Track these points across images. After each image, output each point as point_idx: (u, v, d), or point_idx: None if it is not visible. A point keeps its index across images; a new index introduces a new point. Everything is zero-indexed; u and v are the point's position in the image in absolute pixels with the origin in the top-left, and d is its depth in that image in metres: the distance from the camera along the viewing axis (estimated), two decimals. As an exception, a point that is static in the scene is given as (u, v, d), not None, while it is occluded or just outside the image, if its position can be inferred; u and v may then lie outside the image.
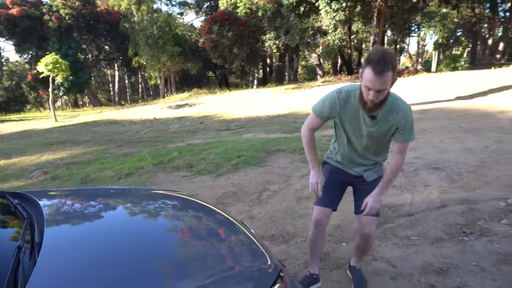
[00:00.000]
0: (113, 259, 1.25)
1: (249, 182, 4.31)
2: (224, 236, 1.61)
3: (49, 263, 1.11)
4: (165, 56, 20.97)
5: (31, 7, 24.96)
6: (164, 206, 1.96)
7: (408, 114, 1.84)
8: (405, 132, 1.87)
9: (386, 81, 1.63)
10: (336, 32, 15.43)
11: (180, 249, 1.41)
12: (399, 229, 2.98)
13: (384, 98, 1.75)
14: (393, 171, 1.97)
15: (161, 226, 1.65)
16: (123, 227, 1.55)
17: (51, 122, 15.53)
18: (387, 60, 1.60)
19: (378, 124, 1.87)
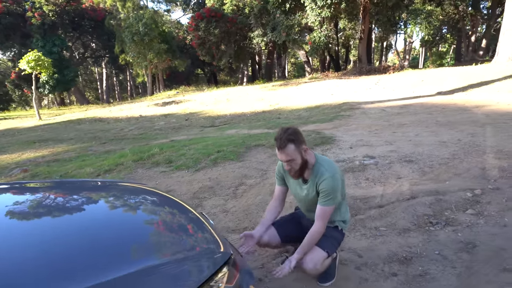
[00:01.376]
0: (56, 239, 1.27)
1: (226, 177, 4.32)
2: (177, 222, 1.63)
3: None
4: (151, 53, 20.80)
5: (12, 4, 24.45)
6: (121, 196, 1.94)
7: (328, 180, 1.96)
8: (323, 196, 1.99)
9: (289, 153, 1.90)
10: (322, 29, 15.51)
11: (128, 232, 1.42)
12: (368, 221, 3.03)
13: (303, 164, 1.97)
14: (311, 236, 2.03)
15: (112, 213, 1.64)
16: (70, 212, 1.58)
17: (35, 120, 15.30)
18: (284, 136, 1.87)
19: (309, 188, 2.06)
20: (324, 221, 2.03)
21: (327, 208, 2.00)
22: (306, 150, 1.97)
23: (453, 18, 21.49)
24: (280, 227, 2.27)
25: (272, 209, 2.27)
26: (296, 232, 2.30)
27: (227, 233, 3.09)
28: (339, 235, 2.23)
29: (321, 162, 2.03)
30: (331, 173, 1.97)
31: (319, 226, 2.02)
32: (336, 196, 2.00)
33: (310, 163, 2.02)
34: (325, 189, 1.97)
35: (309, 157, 2.02)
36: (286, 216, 2.45)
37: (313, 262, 2.03)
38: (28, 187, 2.03)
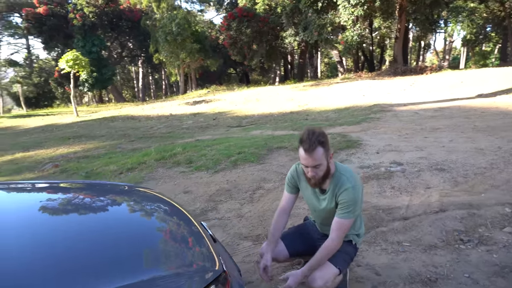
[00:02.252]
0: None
1: (245, 180, 4.21)
2: (181, 234, 1.55)
3: None
4: (184, 52, 21.11)
5: (56, 6, 25.72)
6: (122, 201, 1.90)
7: (349, 190, 1.80)
8: (342, 208, 1.82)
9: (317, 157, 1.71)
10: (355, 28, 15.04)
11: (117, 242, 1.35)
12: (391, 234, 2.80)
13: (327, 172, 1.79)
14: (324, 251, 1.85)
15: (108, 218, 1.61)
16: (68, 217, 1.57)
17: (73, 117, 15.96)
18: (313, 138, 1.70)
19: (327, 199, 1.88)
20: (341, 235, 1.85)
21: (346, 221, 1.82)
22: (331, 156, 1.80)
23: (498, 15, 20.18)
24: (288, 240, 2.10)
25: (280, 220, 2.08)
26: (305, 246, 2.12)
27: (238, 239, 2.97)
28: (352, 250, 2.04)
29: (341, 171, 1.85)
30: (352, 183, 1.80)
31: (335, 241, 1.84)
32: (356, 208, 1.83)
33: (331, 171, 1.85)
34: (345, 200, 1.80)
35: (331, 165, 1.85)
36: (294, 228, 2.28)
37: (324, 279, 1.85)
38: (44, 187, 2.06)
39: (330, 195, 1.88)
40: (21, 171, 6.82)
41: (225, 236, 3.03)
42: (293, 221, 3.13)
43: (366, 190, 3.52)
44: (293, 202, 2.12)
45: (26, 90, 31.21)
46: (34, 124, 15.22)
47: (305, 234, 2.22)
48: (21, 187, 2.05)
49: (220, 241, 2.02)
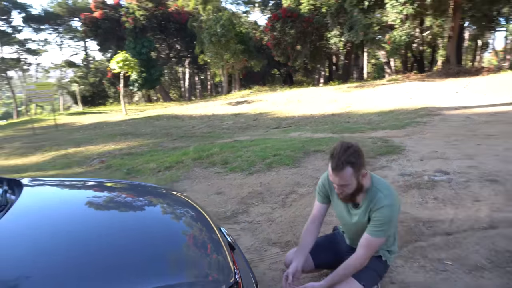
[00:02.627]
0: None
1: (278, 183, 4.13)
2: (202, 242, 1.52)
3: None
4: (227, 53, 21.41)
5: (111, 10, 27.19)
6: (150, 203, 1.93)
7: (385, 209, 1.67)
8: (375, 225, 1.69)
9: (344, 177, 1.62)
10: (403, 27, 14.35)
11: (132, 245, 1.34)
12: (431, 250, 2.58)
13: (357, 190, 1.69)
14: (347, 267, 1.73)
15: (130, 220, 1.63)
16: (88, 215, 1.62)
17: (122, 115, 16.78)
18: (343, 157, 1.59)
19: (360, 214, 1.78)
20: (368, 253, 1.72)
21: (376, 239, 1.70)
22: (365, 175, 1.68)
23: None
24: (315, 250, 1.99)
25: (312, 231, 1.98)
26: (332, 257, 2.01)
27: (267, 245, 2.90)
28: (381, 267, 1.89)
29: (378, 187, 1.72)
30: (389, 202, 1.67)
31: (361, 259, 1.72)
32: (389, 228, 1.71)
33: (365, 186, 1.73)
34: (379, 218, 1.67)
35: (365, 181, 1.72)
36: (322, 238, 2.16)
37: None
38: (88, 185, 2.15)
39: (363, 211, 1.76)
40: (71, 165, 7.26)
41: (254, 241, 2.98)
42: (324, 229, 3.00)
43: (406, 200, 3.30)
44: (324, 212, 2.01)
45: (83, 89, 33.35)
46: (88, 121, 16.19)
47: (333, 245, 2.11)
48: (67, 183, 2.15)
49: (240, 248, 1.96)
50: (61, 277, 1.08)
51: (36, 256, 1.18)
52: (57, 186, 2.09)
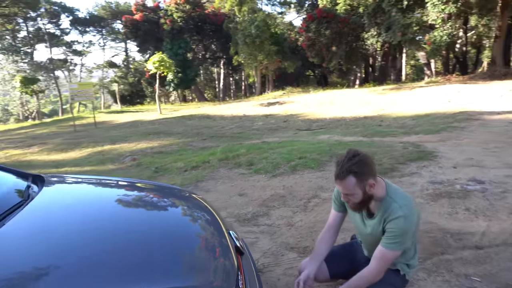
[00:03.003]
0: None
1: (301, 186, 4.06)
2: (212, 246, 1.51)
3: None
4: (261, 54, 21.45)
5: (150, 12, 28.14)
6: (167, 204, 1.95)
7: (399, 220, 1.57)
8: (389, 237, 1.60)
9: (347, 186, 1.56)
10: (445, 27, 13.68)
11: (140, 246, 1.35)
12: (458, 264, 2.43)
13: (366, 199, 1.62)
14: (360, 279, 1.66)
15: (141, 219, 1.64)
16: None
17: (156, 114, 17.29)
18: (346, 165, 1.53)
19: (374, 225, 1.70)
20: (381, 266, 1.63)
21: (390, 252, 1.61)
22: (372, 185, 1.59)
23: None
24: (331, 260, 1.91)
25: (327, 240, 1.92)
26: (348, 267, 1.92)
27: (284, 249, 2.85)
28: (399, 281, 1.78)
29: (393, 197, 1.63)
30: (404, 213, 1.57)
31: (373, 272, 1.64)
32: (405, 241, 1.61)
33: (378, 196, 1.64)
34: (393, 229, 1.58)
35: (377, 190, 1.63)
36: (338, 247, 2.08)
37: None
38: (116, 184, 2.21)
39: (377, 221, 1.67)
40: (105, 162, 7.57)
41: (272, 245, 2.94)
42: (344, 236, 2.91)
43: (434, 210, 3.13)
44: (340, 221, 1.94)
45: (122, 88, 34.75)
46: (124, 119, 16.83)
47: (350, 254, 2.02)
48: (87, 181, 2.22)
49: (249, 252, 1.93)
50: (71, 274, 1.10)
51: (44, 252, 1.21)
52: (76, 183, 2.16)
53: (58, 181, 2.10)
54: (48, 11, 38.04)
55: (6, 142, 12.32)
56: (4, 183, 1.80)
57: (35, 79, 24.69)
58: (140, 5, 28.63)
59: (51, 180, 2.01)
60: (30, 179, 1.89)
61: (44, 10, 37.41)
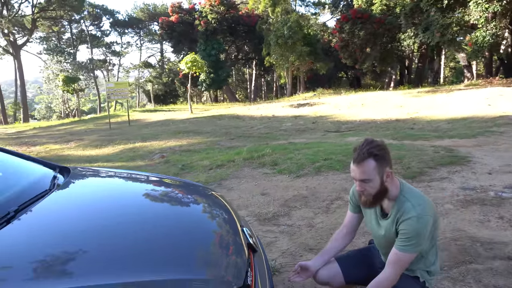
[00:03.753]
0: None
1: (325, 188, 3.98)
2: (226, 243, 1.51)
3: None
4: (293, 55, 21.33)
5: (185, 14, 28.76)
6: (187, 199, 1.97)
7: (412, 220, 1.49)
8: (402, 239, 1.52)
9: (366, 170, 1.49)
10: (488, 27, 12.98)
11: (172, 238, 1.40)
12: (486, 274, 2.28)
13: (380, 192, 1.54)
14: (377, 285, 1.57)
15: (155, 211, 1.66)
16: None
17: (187, 113, 17.63)
18: (364, 150, 1.49)
19: (387, 225, 1.61)
20: (397, 270, 1.55)
21: (405, 255, 1.52)
22: (389, 175, 1.52)
23: None
24: (346, 264, 1.84)
25: (338, 239, 1.85)
26: (364, 274, 1.82)
27: (303, 250, 2.80)
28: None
29: (407, 196, 1.55)
30: (418, 213, 1.48)
31: (389, 277, 1.55)
32: (420, 242, 1.51)
33: (392, 194, 1.56)
34: (406, 231, 1.50)
35: (391, 186, 1.56)
36: (355, 251, 2.00)
37: None
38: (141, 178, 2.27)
39: (391, 221, 1.59)
40: (135, 158, 7.80)
41: (290, 245, 2.90)
42: (365, 240, 2.81)
43: (464, 217, 2.96)
44: (356, 222, 1.86)
45: (156, 88, 35.76)
46: (156, 118, 17.29)
47: (367, 259, 1.92)
48: (112, 174, 2.29)
49: (263, 250, 1.91)
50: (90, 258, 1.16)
51: (61, 239, 1.26)
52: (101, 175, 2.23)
53: (84, 173, 2.17)
54: (91, 14, 39.95)
55: (47, 137, 13.01)
56: (31, 173, 1.91)
57: (76, 78, 25.92)
58: (176, 7, 29.35)
59: (77, 171, 2.09)
60: (57, 170, 1.99)
61: (87, 13, 39.32)
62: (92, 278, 1.02)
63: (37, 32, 37.84)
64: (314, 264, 1.79)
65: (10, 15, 32.00)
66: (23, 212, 1.37)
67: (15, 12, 33.27)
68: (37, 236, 1.27)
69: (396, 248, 1.54)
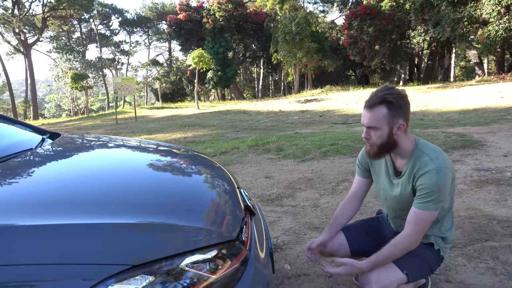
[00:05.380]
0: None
1: (331, 171, 3.83)
2: (223, 195, 1.46)
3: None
4: (301, 52, 21.15)
5: (193, 12, 28.76)
6: (185, 161, 1.89)
7: (432, 173, 1.34)
8: (422, 196, 1.37)
9: (376, 116, 1.37)
10: (502, 21, 12.66)
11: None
12: (504, 251, 2.11)
13: (387, 144, 1.41)
14: (393, 247, 1.43)
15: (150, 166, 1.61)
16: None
17: (194, 109, 17.58)
18: (379, 94, 1.36)
19: (403, 183, 1.47)
20: (418, 230, 1.39)
21: (426, 213, 1.37)
22: (402, 127, 1.37)
23: None
24: (352, 235, 1.71)
25: (345, 209, 1.71)
26: (372, 244, 1.65)
27: (307, 229, 2.66)
28: (433, 257, 1.52)
29: (423, 149, 1.40)
30: (437, 165, 1.33)
31: (410, 237, 1.40)
32: (440, 198, 1.35)
33: (406, 149, 1.42)
34: (425, 185, 1.35)
35: (405, 141, 1.41)
36: (362, 222, 1.85)
37: (380, 284, 1.41)
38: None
39: (406, 178, 1.44)
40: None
41: (294, 224, 2.76)
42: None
43: (478, 196, 2.79)
44: (365, 188, 1.72)
45: (164, 86, 35.83)
46: (163, 114, 17.27)
47: (375, 230, 1.77)
48: (102, 138, 2.20)
49: (262, 213, 1.78)
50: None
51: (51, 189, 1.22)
52: (92, 140, 2.14)
53: (76, 138, 2.08)
54: (100, 13, 40.25)
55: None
56: (19, 135, 1.90)
57: (85, 75, 26.10)
58: (184, 5, 29.37)
59: (69, 136, 2.01)
60: (47, 135, 1.97)
61: (96, 12, 39.64)
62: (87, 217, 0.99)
63: (47, 31, 38.30)
64: (320, 240, 1.66)
65: (21, 14, 32.39)
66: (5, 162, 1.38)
67: (26, 11, 33.69)
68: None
69: (416, 207, 1.40)
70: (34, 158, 1.52)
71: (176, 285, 0.91)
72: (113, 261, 0.86)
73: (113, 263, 0.85)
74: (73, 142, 1.96)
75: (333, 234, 1.70)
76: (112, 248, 0.90)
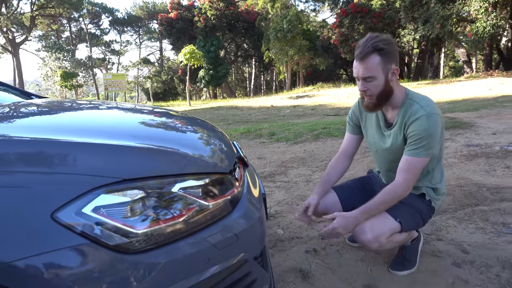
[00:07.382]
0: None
1: (323, 151, 3.84)
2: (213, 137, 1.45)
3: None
4: (292, 49, 21.21)
5: (185, 11, 28.64)
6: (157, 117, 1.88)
7: (422, 120, 1.35)
8: (412, 142, 1.38)
9: (369, 66, 1.35)
10: (489, 18, 12.87)
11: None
12: (494, 214, 2.15)
13: (384, 92, 1.40)
14: (385, 195, 1.43)
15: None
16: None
17: (186, 106, 17.50)
18: (370, 43, 1.34)
19: (394, 133, 1.48)
20: (410, 178, 1.40)
21: (417, 159, 1.38)
22: (396, 71, 1.38)
23: None
24: (344, 193, 1.71)
25: (335, 166, 1.71)
26: (365, 201, 1.70)
27: (300, 200, 2.67)
28: (424, 207, 1.53)
29: (413, 98, 1.42)
30: (427, 111, 1.35)
31: (401, 185, 1.40)
32: (431, 144, 1.36)
33: (397, 98, 1.43)
34: (416, 131, 1.36)
35: (397, 89, 1.43)
36: (354, 180, 1.85)
37: (374, 232, 1.42)
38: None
39: (397, 128, 1.45)
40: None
41: (287, 196, 2.77)
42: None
43: (468, 167, 2.83)
44: (355, 144, 1.72)
45: (155, 86, 35.62)
46: (155, 111, 17.13)
47: (366, 187, 1.78)
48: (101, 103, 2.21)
49: (255, 171, 1.77)
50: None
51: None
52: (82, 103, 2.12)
53: (67, 100, 2.07)
54: (90, 12, 39.82)
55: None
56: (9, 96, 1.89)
57: (74, 74, 25.80)
58: (175, 3, 29.24)
59: (60, 100, 2.00)
60: (34, 98, 1.98)
61: (86, 11, 39.21)
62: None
63: (36, 30, 37.75)
64: (316, 199, 1.64)
65: (9, 13, 31.89)
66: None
67: (14, 10, 33.16)
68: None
69: (407, 154, 1.41)
70: (38, 103, 1.58)
71: (166, 206, 0.91)
72: (105, 174, 0.88)
73: (105, 176, 0.87)
74: (66, 101, 1.94)
75: (325, 190, 1.69)
76: (108, 164, 0.92)
